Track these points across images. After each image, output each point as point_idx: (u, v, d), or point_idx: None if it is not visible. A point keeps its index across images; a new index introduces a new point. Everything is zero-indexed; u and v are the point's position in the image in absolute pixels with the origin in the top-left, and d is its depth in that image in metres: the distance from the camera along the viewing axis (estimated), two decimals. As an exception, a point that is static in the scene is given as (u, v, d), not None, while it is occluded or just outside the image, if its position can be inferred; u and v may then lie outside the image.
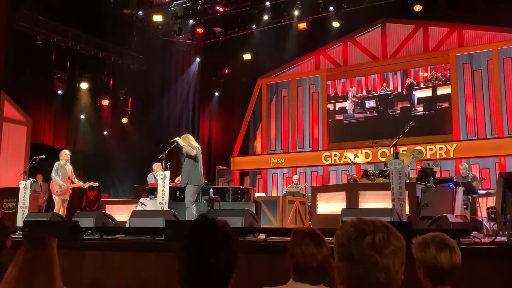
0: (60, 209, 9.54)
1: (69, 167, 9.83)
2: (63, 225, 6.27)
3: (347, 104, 15.78)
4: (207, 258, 1.61)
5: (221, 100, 17.47)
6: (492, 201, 7.50)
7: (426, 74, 14.68)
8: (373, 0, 13.82)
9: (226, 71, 17.31)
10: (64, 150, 10.14)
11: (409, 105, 14.81)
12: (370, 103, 15.42)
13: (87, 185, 10.15)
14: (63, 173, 9.72)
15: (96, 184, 10.30)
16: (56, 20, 14.20)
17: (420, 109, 14.63)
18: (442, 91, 14.40)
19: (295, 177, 14.05)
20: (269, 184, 16.57)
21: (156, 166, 10.51)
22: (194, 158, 8.28)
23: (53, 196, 9.74)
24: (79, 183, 9.93)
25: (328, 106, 16.01)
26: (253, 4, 14.66)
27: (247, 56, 16.19)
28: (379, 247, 1.37)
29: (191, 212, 8.05)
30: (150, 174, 10.79)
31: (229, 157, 16.70)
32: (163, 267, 4.93)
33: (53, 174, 9.71)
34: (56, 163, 9.80)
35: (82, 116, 15.83)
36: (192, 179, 8.23)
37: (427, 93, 14.63)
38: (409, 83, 14.88)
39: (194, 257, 1.62)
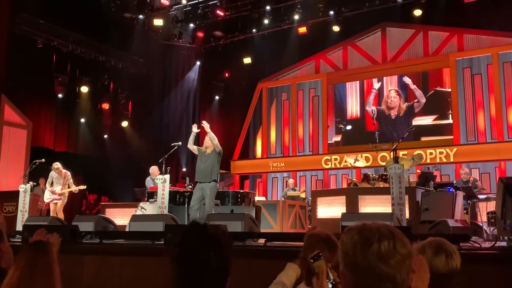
0: (54, 213, 9.72)
1: (62, 175, 10.05)
2: (63, 229, 6.26)
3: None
4: (199, 266, 1.59)
5: (221, 104, 17.48)
6: (492, 206, 7.50)
7: (426, 78, 14.68)
8: (373, 5, 13.84)
9: (226, 75, 17.34)
10: (54, 164, 10.32)
11: (409, 109, 14.81)
12: (370, 107, 15.41)
13: (76, 189, 10.24)
14: (57, 181, 10.00)
15: (84, 187, 10.46)
16: (56, 24, 14.22)
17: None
18: (442, 95, 14.41)
19: (291, 181, 14.04)
20: (269, 188, 16.56)
21: (154, 169, 10.51)
22: (219, 153, 8.18)
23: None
24: (68, 189, 10.11)
25: (329, 110, 16.02)
26: (253, 8, 14.68)
27: (247, 60, 16.21)
28: (385, 257, 1.36)
29: None
30: (148, 178, 10.79)
31: (229, 160, 16.69)
32: (162, 272, 4.93)
33: (46, 184, 10.20)
34: (50, 173, 10.21)
35: (83, 120, 15.83)
36: (217, 176, 8.10)
37: (427, 97, 14.64)
38: (411, 87, 14.87)
39: (187, 265, 1.60)
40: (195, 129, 8.32)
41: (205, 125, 8.19)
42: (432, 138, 14.08)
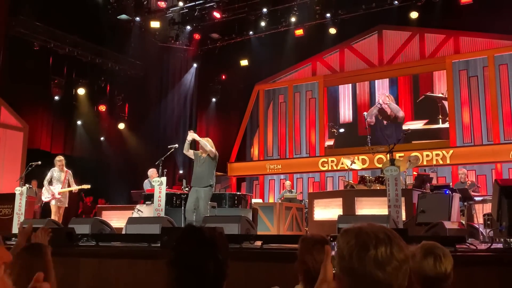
0: (55, 215, 9.52)
1: (63, 173, 9.80)
2: (59, 232, 6.25)
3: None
4: (195, 269, 1.59)
5: (218, 106, 17.48)
6: (488, 208, 7.52)
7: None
8: (369, 7, 13.86)
9: (223, 77, 17.34)
10: (57, 156, 10.10)
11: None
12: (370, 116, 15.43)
13: (77, 188, 10.04)
14: (57, 179, 9.74)
15: (88, 186, 10.24)
16: (53, 26, 14.21)
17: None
18: (439, 97, 14.45)
19: (288, 183, 14.06)
20: (266, 190, 16.56)
21: (152, 172, 10.49)
22: (213, 158, 8.06)
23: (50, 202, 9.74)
24: (68, 188, 9.85)
25: (325, 112, 16.04)
26: (250, 10, 14.69)
27: (244, 62, 16.22)
28: (382, 264, 1.33)
29: None
30: (146, 181, 10.76)
31: (226, 163, 16.68)
32: (159, 275, 4.92)
33: (44, 181, 9.77)
34: (50, 170, 9.83)
35: (79, 122, 15.82)
36: (212, 180, 8.02)
37: (424, 99, 14.68)
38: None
39: (182, 269, 1.59)
40: (189, 136, 8.28)
41: (193, 135, 8.10)
42: (422, 141, 14.10)
